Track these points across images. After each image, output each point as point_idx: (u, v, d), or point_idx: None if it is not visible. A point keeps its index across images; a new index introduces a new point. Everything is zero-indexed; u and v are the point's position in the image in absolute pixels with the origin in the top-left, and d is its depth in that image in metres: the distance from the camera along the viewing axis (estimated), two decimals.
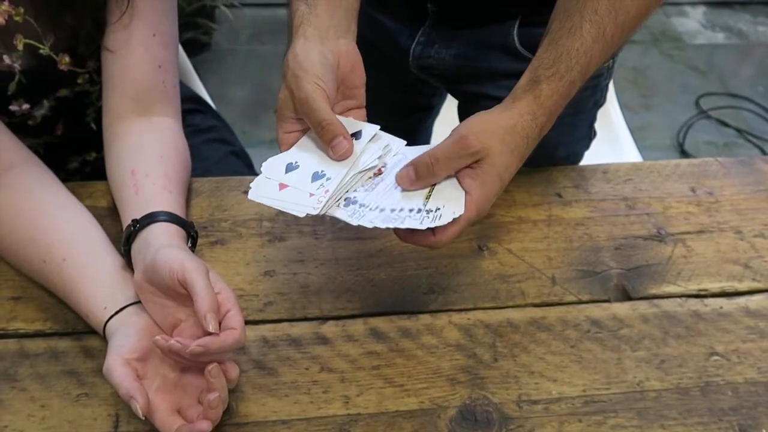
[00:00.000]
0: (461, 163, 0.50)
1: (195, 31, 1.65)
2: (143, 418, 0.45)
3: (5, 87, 0.66)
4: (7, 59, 0.65)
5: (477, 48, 0.75)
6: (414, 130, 1.02)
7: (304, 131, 0.54)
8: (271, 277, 0.60)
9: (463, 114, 0.89)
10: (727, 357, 0.55)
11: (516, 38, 0.71)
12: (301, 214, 0.49)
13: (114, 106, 0.66)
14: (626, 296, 0.60)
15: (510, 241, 0.64)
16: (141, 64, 0.65)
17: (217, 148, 0.93)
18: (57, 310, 0.56)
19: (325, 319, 0.57)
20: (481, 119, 0.51)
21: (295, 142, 0.54)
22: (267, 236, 0.63)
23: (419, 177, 0.50)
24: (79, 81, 0.71)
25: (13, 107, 0.68)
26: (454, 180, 0.50)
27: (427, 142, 1.08)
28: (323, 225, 0.64)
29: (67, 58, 0.68)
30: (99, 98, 0.77)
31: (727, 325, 0.58)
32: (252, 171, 1.01)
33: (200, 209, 0.65)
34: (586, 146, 0.85)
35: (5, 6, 0.62)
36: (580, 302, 0.59)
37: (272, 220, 0.65)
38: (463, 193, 0.50)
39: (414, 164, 0.50)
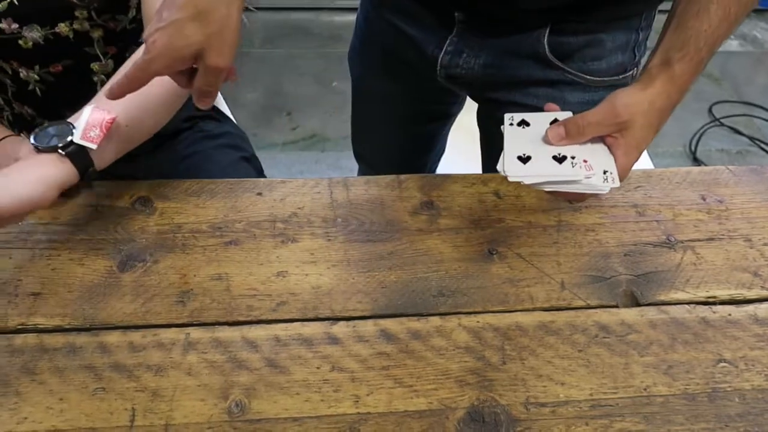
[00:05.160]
0: (607, 130, 0.56)
1: None
2: None
3: None
4: None
5: (506, 56, 0.75)
6: (431, 138, 1.03)
7: None
8: (284, 277, 0.61)
9: (485, 119, 0.89)
10: (735, 364, 0.56)
11: (546, 46, 0.72)
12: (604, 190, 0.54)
13: None
14: (635, 302, 0.60)
15: (520, 245, 0.65)
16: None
17: (228, 154, 0.94)
18: (76, 306, 0.57)
19: (336, 319, 0.58)
20: (628, 93, 0.56)
21: None
22: (280, 237, 0.64)
23: (568, 135, 0.56)
24: (77, 15, 0.71)
25: (2, 25, 0.68)
26: (605, 147, 0.56)
27: (443, 150, 1.09)
28: (335, 227, 0.65)
29: None
30: (105, 54, 0.77)
31: (735, 333, 0.58)
32: (262, 176, 1.02)
33: (215, 210, 0.67)
34: None
35: None
36: (589, 307, 0.60)
37: (285, 221, 0.66)
38: (612, 158, 0.56)
39: (566, 123, 0.56)
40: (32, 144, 0.54)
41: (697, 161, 1.84)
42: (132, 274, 0.60)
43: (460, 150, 1.11)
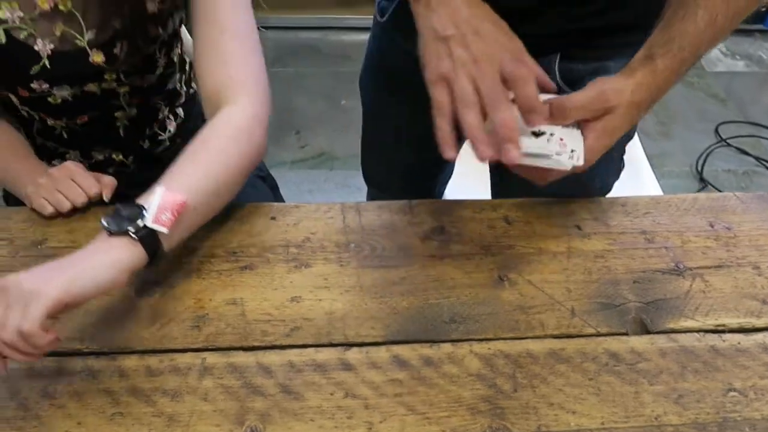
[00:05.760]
0: (591, 114, 0.55)
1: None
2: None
3: (30, 67, 0.68)
4: (39, 43, 0.67)
5: None
6: (442, 161, 1.03)
7: None
8: (298, 302, 0.62)
9: None
10: (745, 393, 0.56)
11: (557, 73, 0.73)
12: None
13: (203, 105, 0.68)
14: (644, 329, 0.61)
15: (530, 272, 0.65)
16: (210, 64, 0.66)
17: None
18: (94, 330, 0.58)
19: (349, 345, 0.58)
20: (615, 80, 0.56)
21: None
22: (293, 262, 0.65)
23: (552, 116, 0.55)
24: (106, 77, 0.73)
25: (33, 85, 0.70)
26: (577, 129, 0.57)
27: (451, 173, 1.09)
28: (348, 252, 0.67)
29: (101, 56, 0.70)
30: (130, 105, 0.80)
31: (744, 361, 0.58)
32: (277, 194, 1.04)
33: (230, 235, 0.68)
34: (617, 177, 0.86)
35: None
36: (599, 335, 0.60)
37: (299, 246, 0.67)
38: (582, 140, 0.56)
39: (551, 104, 0.55)
40: (104, 227, 0.54)
41: (703, 182, 1.85)
42: (148, 298, 0.61)
43: (467, 172, 1.12)
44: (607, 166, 0.83)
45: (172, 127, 0.88)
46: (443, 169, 1.05)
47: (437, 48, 0.54)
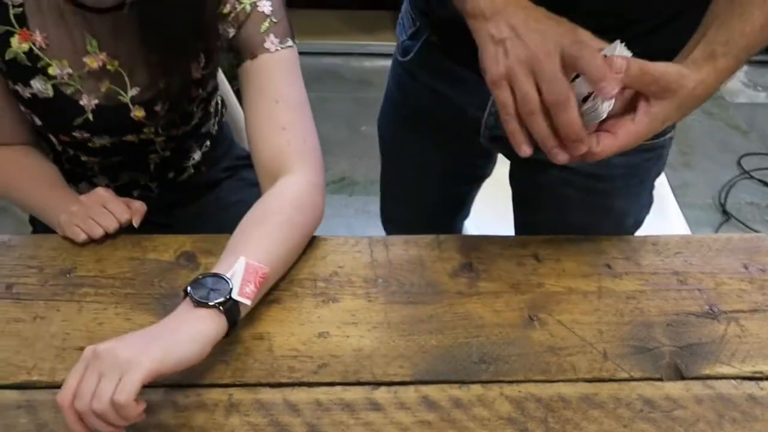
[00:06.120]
0: (656, 89, 0.53)
1: None
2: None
3: (74, 119, 0.71)
4: (85, 99, 0.70)
5: None
6: (463, 200, 1.03)
7: None
8: (325, 338, 0.61)
9: (522, 181, 0.88)
10: None
11: None
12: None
13: (257, 172, 0.70)
14: (679, 375, 0.59)
15: (560, 312, 0.64)
16: (265, 134, 0.68)
17: None
18: None
19: (377, 384, 0.58)
20: (689, 67, 0.54)
21: None
22: (321, 297, 0.65)
23: (623, 72, 0.51)
24: (145, 131, 0.76)
25: (75, 134, 0.73)
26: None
27: (469, 212, 1.08)
28: (376, 288, 0.66)
29: (142, 112, 0.72)
30: (164, 148, 0.82)
31: None
32: None
33: None
34: (647, 213, 0.86)
35: (103, 56, 0.67)
36: (632, 379, 0.59)
37: (326, 280, 0.67)
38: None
39: (629, 61, 0.52)
40: (191, 297, 0.54)
41: (726, 214, 1.83)
42: None
43: (486, 208, 1.12)
44: (638, 201, 0.82)
45: (197, 156, 0.89)
46: (464, 207, 1.05)
47: (495, 51, 0.53)
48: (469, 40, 0.55)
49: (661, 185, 1.26)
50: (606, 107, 0.53)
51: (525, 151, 0.54)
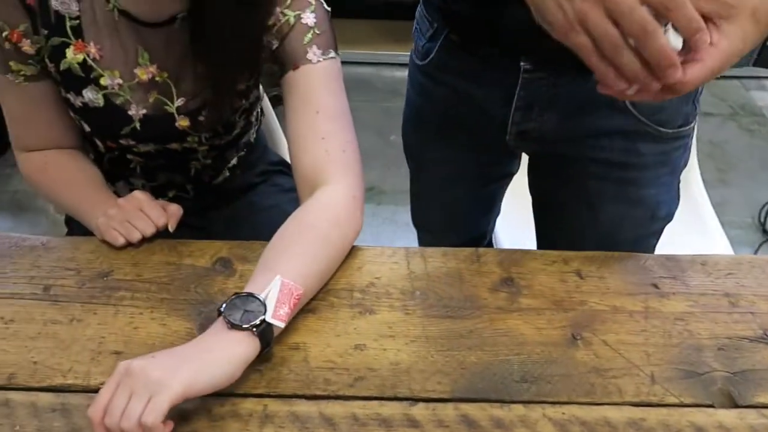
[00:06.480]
0: (715, 7, 0.48)
1: (279, 88, 1.72)
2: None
3: (122, 128, 0.72)
4: (133, 108, 0.71)
5: (580, 106, 0.72)
6: (492, 198, 1.02)
7: None
8: (362, 350, 0.60)
9: (545, 178, 0.86)
10: None
11: None
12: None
13: (296, 182, 0.70)
14: (732, 403, 0.56)
15: (605, 331, 0.62)
16: (305, 143, 0.68)
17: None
18: None
19: (415, 400, 0.56)
20: None
21: None
22: (358, 308, 0.64)
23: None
24: (189, 140, 0.76)
25: (121, 141, 0.74)
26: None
27: (499, 210, 1.07)
28: (413, 300, 0.64)
29: (186, 121, 0.73)
30: (206, 156, 0.82)
31: None
32: None
33: None
34: (676, 206, 0.83)
35: (153, 68, 0.68)
36: (682, 405, 0.56)
37: (363, 291, 0.65)
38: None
39: None
40: (225, 319, 0.54)
41: (766, 233, 1.77)
42: None
43: (512, 210, 1.10)
44: (669, 192, 0.80)
45: (234, 161, 0.89)
46: (493, 206, 1.03)
47: (558, 2, 0.49)
48: (489, 32, 0.52)
49: (702, 203, 1.22)
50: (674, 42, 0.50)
51: (626, 91, 0.49)
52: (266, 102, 1.05)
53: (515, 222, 1.11)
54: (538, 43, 0.54)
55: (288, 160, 1.04)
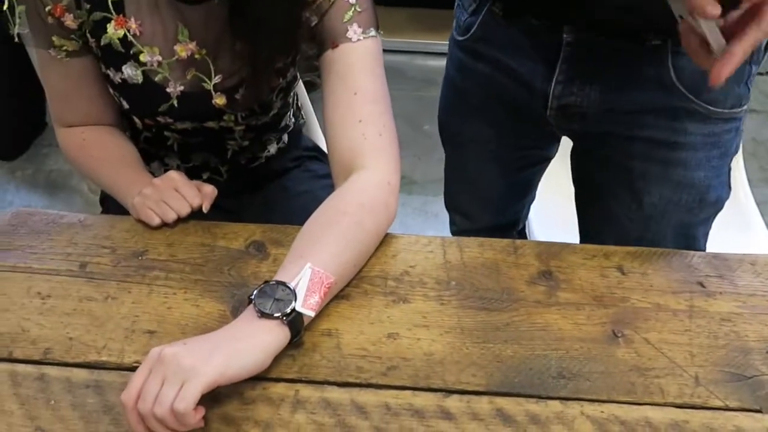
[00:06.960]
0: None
1: (312, 73, 1.72)
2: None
3: (159, 105, 0.72)
4: (171, 86, 0.71)
5: (625, 80, 0.70)
6: (528, 183, 1.00)
7: None
8: (395, 339, 0.59)
9: (582, 159, 0.84)
10: None
11: (672, 69, 0.67)
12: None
13: (331, 166, 0.69)
14: None
15: (647, 329, 0.60)
16: (341, 126, 0.66)
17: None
18: None
19: (449, 392, 0.55)
20: None
21: None
22: (392, 296, 0.62)
23: None
24: (225, 118, 0.76)
25: (159, 118, 0.74)
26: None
27: (534, 197, 1.05)
28: (448, 290, 0.63)
29: (223, 99, 0.73)
30: (243, 137, 0.82)
31: None
32: None
33: None
34: (727, 195, 0.80)
35: (192, 45, 0.68)
36: (728, 409, 0.54)
37: (397, 279, 0.64)
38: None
39: None
40: (255, 308, 0.54)
41: None
42: None
43: (548, 197, 1.08)
44: (719, 176, 0.77)
45: (273, 149, 0.89)
46: (529, 191, 1.01)
47: None
48: (533, 1, 0.50)
49: (746, 202, 1.18)
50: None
51: (712, 11, 0.47)
52: (301, 86, 1.05)
53: (551, 212, 1.09)
54: (582, 11, 0.52)
55: (322, 146, 1.03)
